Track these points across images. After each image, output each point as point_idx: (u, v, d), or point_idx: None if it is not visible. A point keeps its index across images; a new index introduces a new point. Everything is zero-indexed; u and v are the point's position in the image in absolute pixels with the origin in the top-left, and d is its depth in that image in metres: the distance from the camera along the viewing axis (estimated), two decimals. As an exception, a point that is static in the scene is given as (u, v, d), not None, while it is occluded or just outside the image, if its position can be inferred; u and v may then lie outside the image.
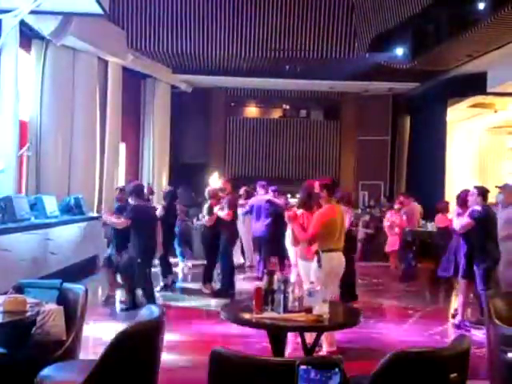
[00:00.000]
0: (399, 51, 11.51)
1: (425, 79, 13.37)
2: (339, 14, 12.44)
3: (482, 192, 6.25)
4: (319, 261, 5.08)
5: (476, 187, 6.48)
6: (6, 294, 3.69)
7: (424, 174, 13.27)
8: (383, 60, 12.01)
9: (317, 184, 5.33)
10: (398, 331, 6.51)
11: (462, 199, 6.76)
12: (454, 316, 6.79)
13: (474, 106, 13.02)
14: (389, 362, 2.52)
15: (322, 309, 3.62)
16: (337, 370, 1.71)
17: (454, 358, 2.62)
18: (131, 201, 6.72)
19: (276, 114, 16.62)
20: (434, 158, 13.17)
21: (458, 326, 6.45)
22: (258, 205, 9.44)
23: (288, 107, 16.60)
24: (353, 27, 12.45)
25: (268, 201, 9.37)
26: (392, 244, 10.32)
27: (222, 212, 7.88)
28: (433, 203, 10.24)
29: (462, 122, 14.36)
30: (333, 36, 12.44)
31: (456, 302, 7.02)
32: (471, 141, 14.59)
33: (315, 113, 16.51)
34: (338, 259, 5.15)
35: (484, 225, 6.13)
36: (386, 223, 10.54)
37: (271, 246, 9.07)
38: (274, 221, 9.03)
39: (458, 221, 6.41)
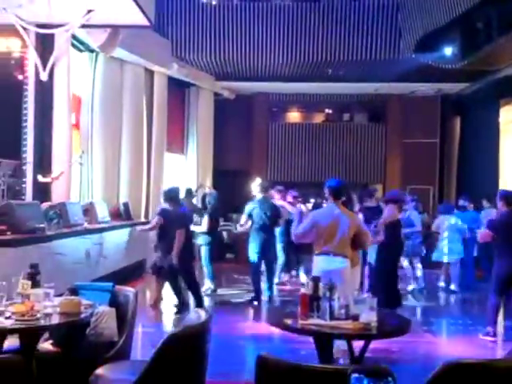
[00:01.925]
0: (448, 51, 11.23)
1: (475, 79, 12.98)
2: (383, 15, 12.28)
3: (504, 196, 6.05)
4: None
5: (500, 191, 6.32)
6: (61, 295, 3.85)
7: (476, 178, 12.88)
8: (431, 60, 11.77)
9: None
10: (447, 341, 6.36)
11: None
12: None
13: (528, 105, 12.57)
14: (441, 373, 2.45)
15: (369, 316, 3.58)
16: (390, 379, 1.70)
17: (511, 370, 2.52)
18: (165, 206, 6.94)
19: (318, 118, 16.54)
20: (486, 161, 12.76)
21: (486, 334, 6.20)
22: None
23: (331, 111, 16.48)
24: (398, 27, 12.27)
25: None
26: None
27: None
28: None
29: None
30: (377, 37, 12.29)
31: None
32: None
33: (359, 116, 16.32)
34: (327, 264, 4.83)
35: (499, 232, 5.95)
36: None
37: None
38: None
39: (478, 232, 6.28)
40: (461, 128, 15.06)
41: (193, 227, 7.76)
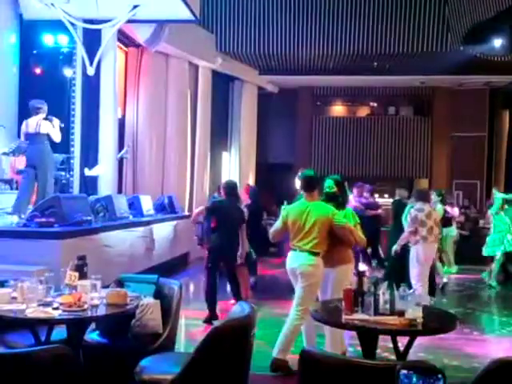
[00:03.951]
0: (497, 42, 10.89)
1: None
2: (431, 6, 11.97)
3: None
4: None
5: None
6: (107, 287, 3.92)
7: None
8: (479, 52, 11.41)
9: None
10: (488, 338, 6.16)
11: None
12: None
13: None
14: (488, 371, 2.38)
15: (415, 312, 3.51)
16: (440, 376, 1.65)
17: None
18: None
19: (363, 111, 16.30)
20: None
21: None
22: None
23: (376, 105, 16.23)
24: (446, 19, 11.93)
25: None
26: None
27: None
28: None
29: None
30: (424, 29, 11.99)
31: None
32: None
33: (404, 109, 15.99)
34: (293, 260, 4.64)
35: None
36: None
37: None
38: None
39: None
40: (510, 121, 14.54)
41: None
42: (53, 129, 6.84)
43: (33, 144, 6.77)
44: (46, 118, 6.84)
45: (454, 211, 9.56)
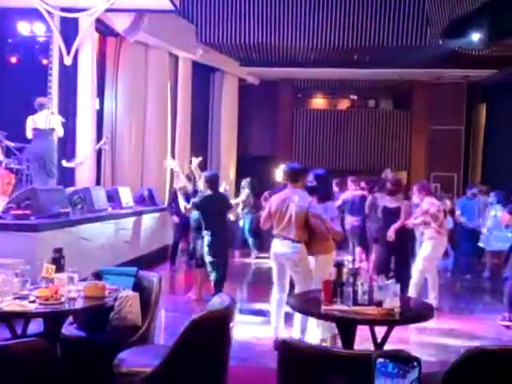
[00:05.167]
0: (475, 37, 11.00)
1: (502, 66, 12.71)
2: (411, 0, 12.04)
3: None
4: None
5: None
6: (85, 280, 3.87)
7: (502, 166, 12.65)
8: (457, 46, 11.53)
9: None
10: (467, 328, 6.26)
11: None
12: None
13: (557, 92, 12.27)
14: (463, 360, 2.42)
15: (392, 302, 3.56)
16: (415, 363, 1.67)
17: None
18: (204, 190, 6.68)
19: (344, 104, 16.38)
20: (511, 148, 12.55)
21: None
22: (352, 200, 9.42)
23: (356, 97, 16.32)
24: (425, 13, 12.01)
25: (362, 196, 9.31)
26: None
27: None
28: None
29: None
30: (404, 23, 12.05)
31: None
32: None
33: (384, 102, 16.13)
34: (277, 247, 4.83)
35: None
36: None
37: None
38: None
39: None
40: (486, 115, 14.78)
41: None
42: (59, 123, 7.06)
43: (41, 138, 7.04)
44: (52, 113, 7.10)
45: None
